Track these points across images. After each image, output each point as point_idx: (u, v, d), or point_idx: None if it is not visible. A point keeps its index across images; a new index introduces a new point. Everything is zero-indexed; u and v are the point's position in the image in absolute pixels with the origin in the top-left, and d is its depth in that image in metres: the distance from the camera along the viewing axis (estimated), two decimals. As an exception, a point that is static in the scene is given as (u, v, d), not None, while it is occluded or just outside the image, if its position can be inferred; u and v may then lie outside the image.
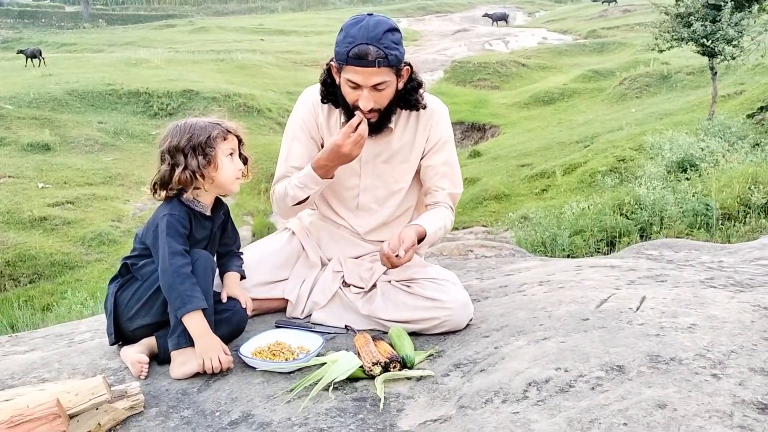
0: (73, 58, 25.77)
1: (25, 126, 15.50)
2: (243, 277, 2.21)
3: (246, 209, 13.00)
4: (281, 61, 25.75)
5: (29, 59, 23.83)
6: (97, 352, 2.07)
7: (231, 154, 2.05)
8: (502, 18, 37.51)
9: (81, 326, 2.69)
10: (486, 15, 38.41)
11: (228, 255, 2.22)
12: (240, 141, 2.10)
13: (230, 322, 2.07)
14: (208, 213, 2.08)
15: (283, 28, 37.02)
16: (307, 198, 2.23)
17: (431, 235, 2.20)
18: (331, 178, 2.21)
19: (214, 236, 2.12)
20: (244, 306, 2.11)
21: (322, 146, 2.32)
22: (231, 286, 2.15)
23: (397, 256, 2.03)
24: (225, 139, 2.03)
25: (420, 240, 2.17)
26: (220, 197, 2.15)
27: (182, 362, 1.88)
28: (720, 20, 11.08)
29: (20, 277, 10.02)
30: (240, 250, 2.27)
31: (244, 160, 2.12)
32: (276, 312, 2.38)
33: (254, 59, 25.09)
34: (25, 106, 16.57)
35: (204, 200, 2.05)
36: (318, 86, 2.32)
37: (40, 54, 24.12)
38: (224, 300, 2.10)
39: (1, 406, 1.49)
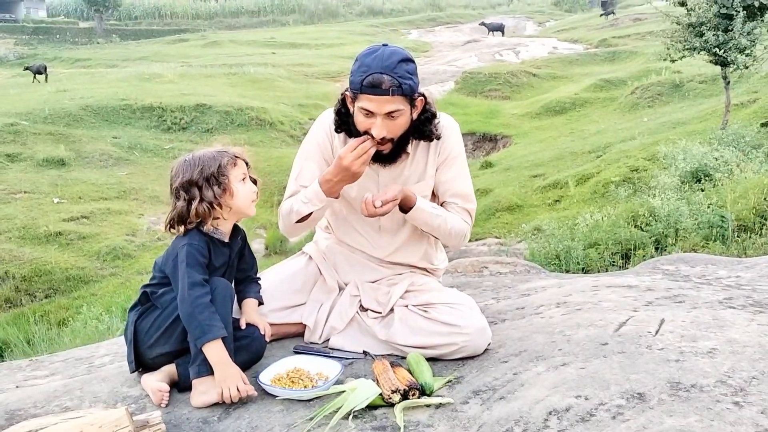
0: (87, 74, 26.08)
1: (40, 141, 15.67)
2: (261, 303, 2.23)
3: (259, 222, 13.06)
4: (293, 74, 25.89)
5: (35, 75, 24.41)
6: (117, 380, 2.08)
7: (243, 179, 2.07)
8: (499, 29, 37.66)
9: (100, 350, 2.71)
10: (482, 24, 38.60)
11: (246, 281, 2.24)
12: (247, 164, 2.11)
13: (249, 349, 2.08)
14: (227, 240, 2.09)
15: (295, 41, 37.24)
16: (310, 215, 2.24)
17: (423, 208, 2.23)
18: (336, 197, 2.22)
19: (232, 262, 2.14)
20: (263, 333, 2.12)
21: None
22: (249, 313, 2.16)
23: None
24: (235, 165, 2.06)
25: (408, 209, 2.21)
26: (238, 223, 2.17)
27: (203, 391, 1.89)
28: (732, 29, 11.04)
29: (36, 292, 10.10)
30: (258, 275, 2.28)
31: (254, 182, 2.14)
32: (294, 337, 2.39)
33: (266, 72, 25.25)
34: (40, 122, 16.76)
35: (223, 228, 2.07)
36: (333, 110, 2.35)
37: (45, 70, 24.80)
38: (243, 327, 2.12)
39: (26, 438, 1.51)
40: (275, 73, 25.56)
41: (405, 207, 2.22)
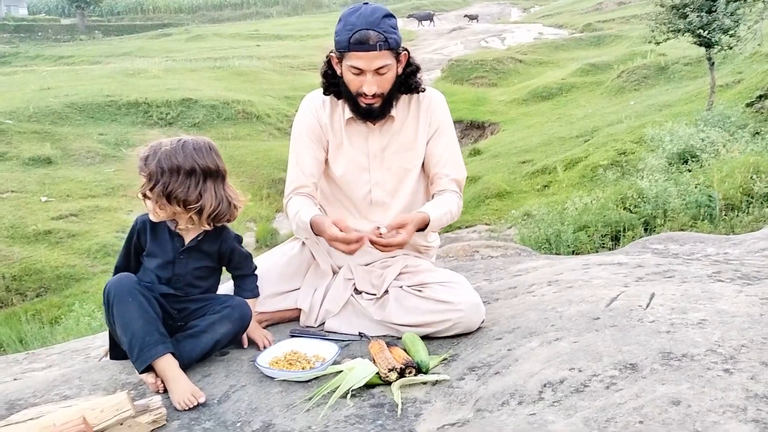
0: (71, 71, 25.82)
1: (25, 140, 15.54)
2: (257, 295, 2.25)
3: (249, 215, 13.04)
4: (278, 66, 25.81)
5: None
6: (116, 367, 2.10)
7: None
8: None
9: (96, 341, 2.72)
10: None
11: (240, 277, 2.24)
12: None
13: (231, 318, 2.08)
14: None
15: (279, 33, 37.07)
16: None
17: (435, 220, 2.22)
18: None
19: (178, 258, 2.11)
20: (262, 348, 2.14)
21: (328, 146, 2.38)
22: (249, 328, 2.18)
23: (381, 236, 2.07)
24: None
25: (423, 227, 2.20)
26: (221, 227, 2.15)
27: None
28: (716, 10, 11.10)
29: (27, 291, 10.05)
30: (254, 269, 2.26)
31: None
32: (290, 321, 2.41)
33: (251, 65, 25.15)
34: (25, 120, 16.61)
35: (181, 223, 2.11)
36: (316, 91, 2.37)
37: None
38: (245, 346, 2.16)
39: (28, 424, 1.53)
40: (260, 65, 25.46)
41: (423, 224, 2.21)
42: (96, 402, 1.58)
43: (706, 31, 11.30)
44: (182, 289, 2.10)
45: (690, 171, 8.61)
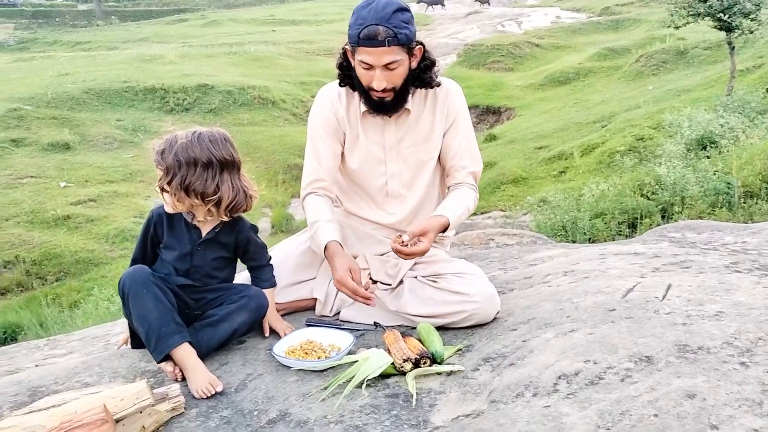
0: (88, 57, 25.97)
1: (44, 126, 15.69)
2: (273, 285, 2.27)
3: (264, 201, 13.09)
4: (294, 52, 25.78)
5: None
6: (135, 355, 2.13)
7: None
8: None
9: (115, 327, 2.76)
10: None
11: (256, 269, 2.26)
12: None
13: (248, 308, 2.11)
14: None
15: (294, 18, 37.00)
16: None
17: (454, 222, 2.24)
18: None
19: (196, 250, 2.14)
20: (283, 335, 2.17)
21: (345, 138, 2.39)
22: (270, 315, 2.22)
23: (404, 244, 2.09)
24: None
25: (444, 230, 2.21)
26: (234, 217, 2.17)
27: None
28: (737, -6, 10.93)
29: (47, 275, 10.20)
30: (268, 259, 2.28)
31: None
32: (305, 310, 2.43)
33: (267, 51, 25.15)
34: (43, 106, 16.76)
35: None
36: (332, 84, 2.37)
37: None
38: (266, 335, 2.19)
39: (50, 412, 1.56)
40: (276, 51, 25.45)
41: (443, 229, 2.22)
42: (116, 390, 1.61)
43: (727, 15, 11.13)
44: (200, 279, 2.12)
45: (709, 157, 8.51)
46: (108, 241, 11.06)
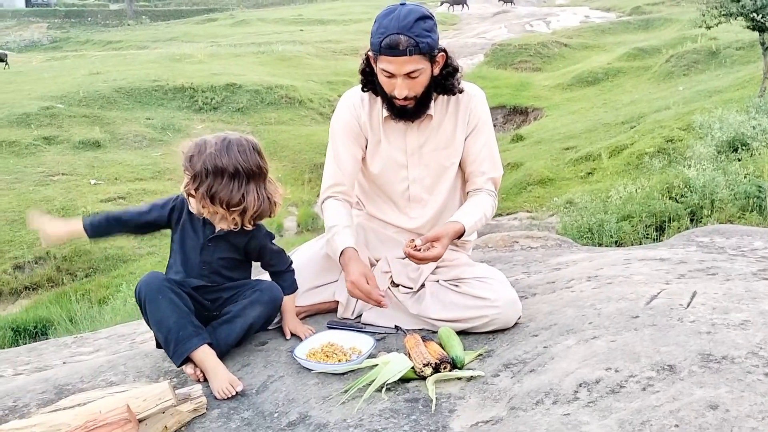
0: (119, 56, 26.38)
1: (76, 124, 15.98)
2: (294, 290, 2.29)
3: (291, 200, 13.17)
4: (321, 51, 25.89)
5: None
6: (159, 355, 2.16)
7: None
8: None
9: (141, 326, 2.81)
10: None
11: (276, 274, 2.27)
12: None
13: (261, 301, 2.13)
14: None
15: (322, 18, 37.15)
16: None
17: (470, 229, 2.24)
18: None
19: (205, 246, 2.15)
20: (303, 338, 2.18)
21: (367, 143, 2.39)
22: (289, 320, 2.25)
23: (417, 249, 2.09)
24: None
25: (459, 236, 2.21)
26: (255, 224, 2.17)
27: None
28: (771, -7, 10.73)
29: (77, 271, 10.39)
30: (289, 264, 2.28)
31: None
32: (327, 313, 2.44)
33: (294, 50, 25.30)
34: (75, 104, 17.07)
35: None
36: (355, 89, 2.38)
37: (6, 57, 25.75)
38: (288, 337, 2.21)
39: (75, 411, 1.59)
40: (303, 50, 25.59)
41: (458, 235, 2.23)
42: (139, 391, 1.64)
43: (760, 15, 10.94)
44: (209, 277, 2.13)
45: (740, 160, 8.38)
46: (136, 239, 11.21)
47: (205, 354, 1.94)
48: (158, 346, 2.14)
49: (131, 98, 18.06)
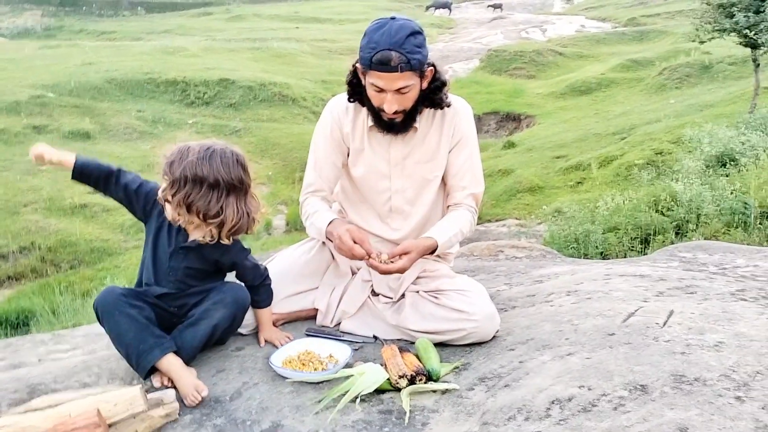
0: (112, 47, 26.23)
1: (66, 114, 15.88)
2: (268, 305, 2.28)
3: (280, 198, 13.16)
4: (316, 50, 25.87)
5: None
6: (134, 358, 2.15)
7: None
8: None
9: (120, 325, 2.79)
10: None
11: (252, 288, 2.23)
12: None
13: (225, 302, 2.09)
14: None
15: (319, 16, 37.11)
16: None
17: (443, 246, 2.23)
18: None
19: (177, 250, 2.12)
20: (279, 346, 2.17)
21: (349, 152, 2.39)
22: (265, 330, 2.25)
23: (388, 261, 2.11)
24: None
25: (432, 251, 2.21)
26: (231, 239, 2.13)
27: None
28: (764, 11, 10.82)
29: (61, 263, 10.32)
30: (265, 276, 2.25)
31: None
32: (306, 319, 2.44)
33: (289, 48, 25.26)
34: (66, 94, 16.97)
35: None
36: (341, 96, 2.38)
37: None
38: (262, 345, 2.20)
39: (46, 413, 1.58)
40: (299, 48, 25.55)
41: (429, 251, 2.23)
42: (111, 395, 1.63)
43: (753, 32, 11.03)
44: (175, 284, 2.10)
45: (727, 175, 8.42)
46: (123, 231, 11.17)
47: (170, 363, 1.93)
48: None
49: (123, 90, 17.97)
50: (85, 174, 2.08)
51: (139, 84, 18.38)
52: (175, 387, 1.92)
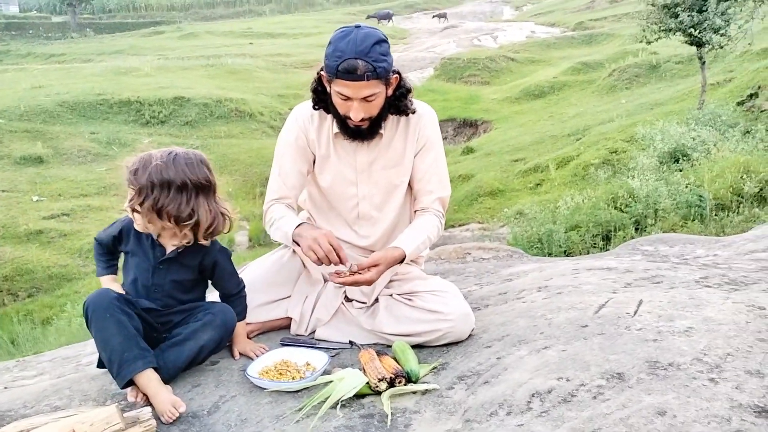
0: (62, 69, 25.72)
1: (17, 139, 15.49)
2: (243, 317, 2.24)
3: (242, 214, 13.02)
4: (271, 65, 25.78)
5: None
6: (107, 377, 2.08)
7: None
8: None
9: (87, 348, 2.72)
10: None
11: (228, 299, 2.20)
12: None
13: (214, 324, 2.07)
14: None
15: (272, 31, 37.02)
16: None
17: (411, 254, 2.23)
18: None
19: (155, 265, 2.10)
20: (254, 357, 2.14)
21: (314, 159, 2.38)
22: (239, 343, 2.21)
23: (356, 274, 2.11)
24: None
25: (401, 261, 2.21)
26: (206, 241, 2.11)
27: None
28: (706, 10, 11.16)
29: (18, 291, 10.03)
30: (241, 288, 2.22)
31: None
32: (280, 329, 2.41)
33: (244, 63, 25.13)
34: (16, 119, 16.55)
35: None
36: (306, 104, 2.37)
37: None
38: (236, 358, 2.17)
39: (18, 439, 1.53)
40: (253, 63, 25.44)
41: (398, 261, 2.22)
42: (86, 415, 1.59)
43: (697, 31, 11.37)
44: (162, 300, 2.07)
45: (681, 170, 8.65)
46: (81, 256, 10.91)
47: (149, 378, 1.88)
48: (100, 365, 2.06)
49: (75, 112, 17.61)
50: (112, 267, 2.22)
51: (92, 106, 18.04)
52: (150, 404, 1.87)
